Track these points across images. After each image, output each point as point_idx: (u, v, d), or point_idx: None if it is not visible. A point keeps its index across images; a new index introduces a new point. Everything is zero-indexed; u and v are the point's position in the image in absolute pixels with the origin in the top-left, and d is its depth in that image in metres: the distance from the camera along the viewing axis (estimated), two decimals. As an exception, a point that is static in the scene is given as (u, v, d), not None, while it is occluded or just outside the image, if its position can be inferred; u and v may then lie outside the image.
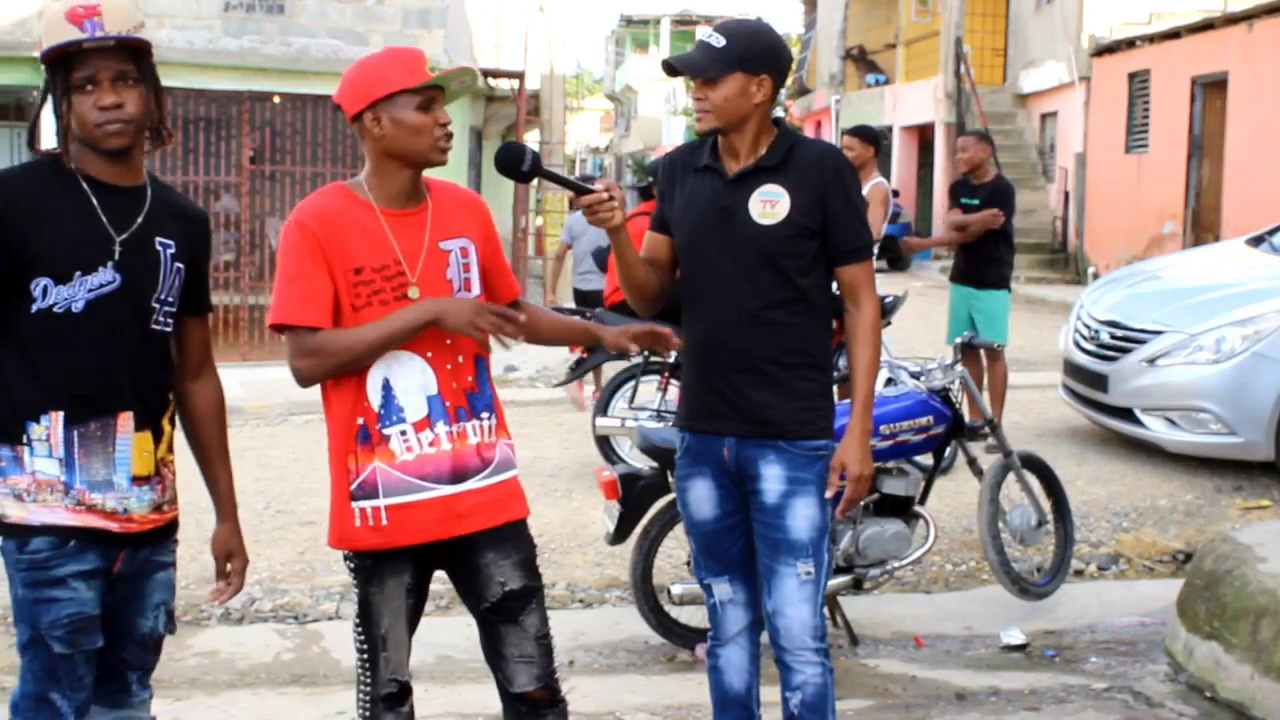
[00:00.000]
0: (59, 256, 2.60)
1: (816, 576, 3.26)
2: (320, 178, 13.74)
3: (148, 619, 2.82)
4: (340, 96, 2.96)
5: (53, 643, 2.62)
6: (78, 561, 2.64)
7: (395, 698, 2.99)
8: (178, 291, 2.78)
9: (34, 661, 2.65)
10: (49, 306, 2.61)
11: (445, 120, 2.92)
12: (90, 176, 2.66)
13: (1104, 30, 19.09)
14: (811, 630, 3.27)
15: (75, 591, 2.64)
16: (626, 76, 54.89)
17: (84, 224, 2.63)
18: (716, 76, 3.17)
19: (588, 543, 6.22)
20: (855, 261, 3.28)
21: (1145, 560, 6.29)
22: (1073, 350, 8.20)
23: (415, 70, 2.89)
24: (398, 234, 2.92)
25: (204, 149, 13.96)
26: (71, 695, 2.66)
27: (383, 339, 2.85)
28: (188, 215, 2.85)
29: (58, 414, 2.63)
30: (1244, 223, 13.13)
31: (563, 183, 3.26)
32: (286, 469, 7.34)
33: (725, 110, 3.19)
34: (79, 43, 2.57)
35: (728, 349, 3.24)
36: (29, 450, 2.63)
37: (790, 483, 3.23)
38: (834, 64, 29.77)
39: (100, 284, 2.64)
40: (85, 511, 2.65)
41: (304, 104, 14.12)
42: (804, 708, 3.28)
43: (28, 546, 2.62)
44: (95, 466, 2.66)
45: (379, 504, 2.89)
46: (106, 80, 2.60)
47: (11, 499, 2.63)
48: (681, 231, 3.33)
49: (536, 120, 19.53)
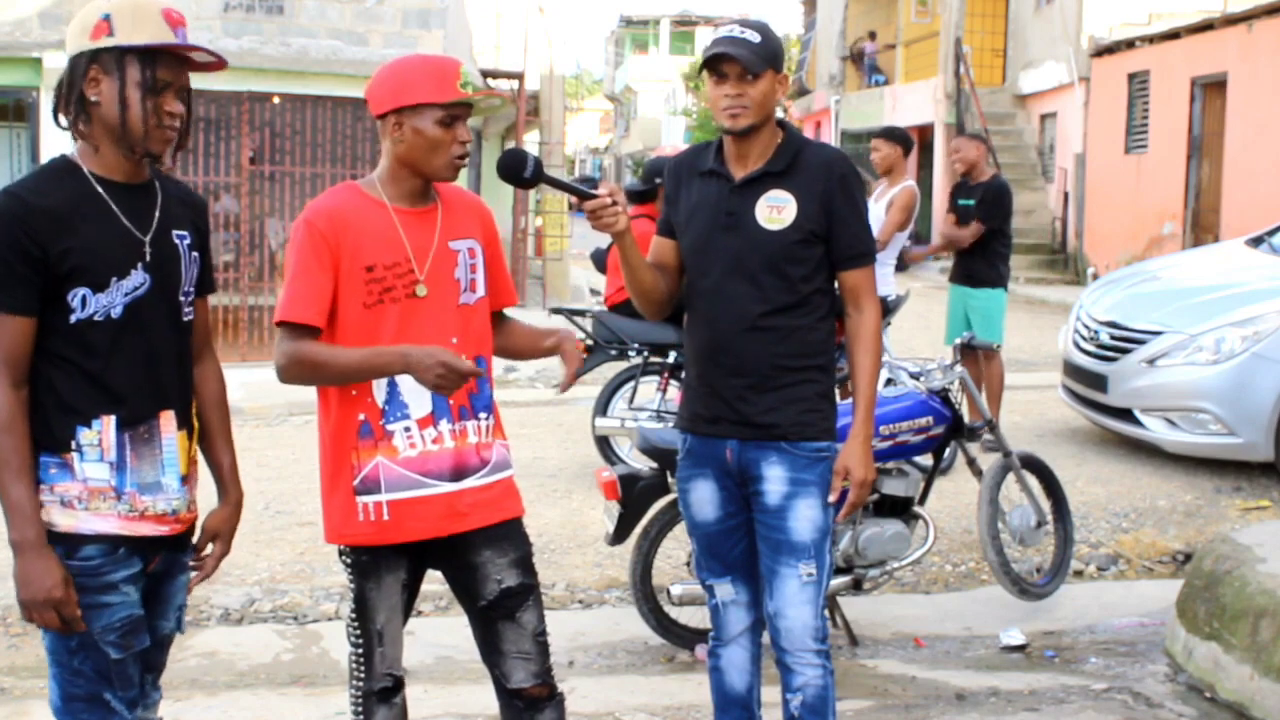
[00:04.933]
0: (96, 265, 2.58)
1: (818, 578, 3.26)
2: (320, 178, 13.73)
3: (169, 620, 2.83)
4: (370, 93, 2.96)
5: (107, 648, 2.62)
6: (128, 566, 2.64)
7: (389, 691, 3.03)
8: (195, 280, 2.78)
9: (84, 665, 2.64)
10: (89, 316, 2.58)
11: (465, 139, 2.93)
12: (101, 177, 2.63)
13: (1103, 31, 19.11)
14: (813, 631, 3.27)
15: (126, 595, 2.64)
16: (626, 77, 54.92)
17: (112, 229, 2.61)
18: (760, 72, 3.17)
19: (587, 543, 6.22)
20: (858, 267, 3.29)
21: (1145, 561, 6.30)
22: (1072, 351, 8.21)
23: (446, 85, 2.88)
24: (409, 231, 2.93)
25: (204, 149, 13.94)
26: (124, 694, 2.67)
27: (355, 370, 2.86)
28: (190, 201, 2.84)
29: (109, 418, 2.61)
30: (1243, 223, 13.14)
31: (565, 188, 3.26)
32: (286, 469, 7.34)
33: (764, 106, 3.20)
34: (188, 48, 2.60)
35: (732, 353, 3.25)
36: (78, 456, 2.60)
37: (792, 484, 3.24)
38: (834, 64, 29.79)
39: (134, 287, 2.62)
40: (138, 519, 2.64)
41: (304, 104, 14.12)
42: (804, 709, 3.29)
43: (79, 553, 2.60)
44: (145, 469, 2.65)
45: (381, 499, 2.91)
46: (176, 89, 2.63)
47: (59, 507, 2.60)
48: (688, 236, 3.33)
49: (536, 121, 19.51)
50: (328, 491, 2.99)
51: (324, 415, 2.99)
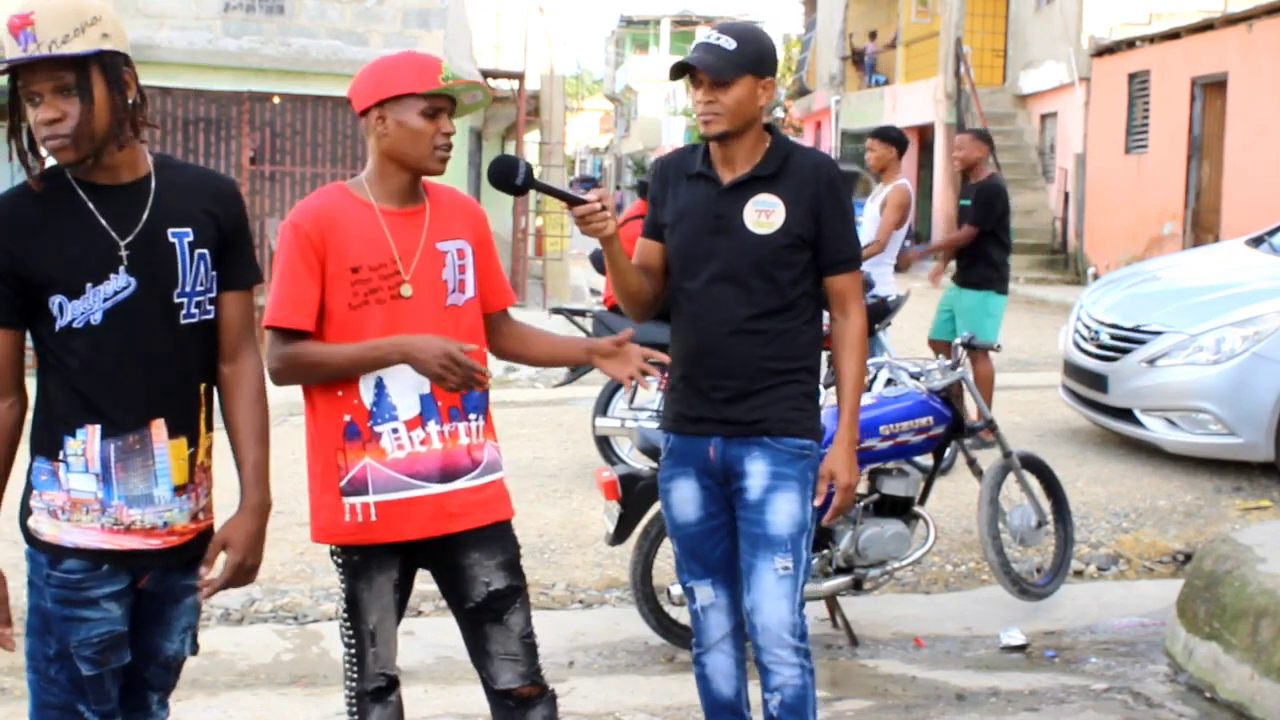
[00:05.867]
0: (66, 272, 2.51)
1: (794, 573, 3.25)
2: (320, 178, 13.74)
3: (173, 642, 2.75)
4: (353, 90, 2.97)
5: (81, 663, 2.56)
6: (111, 583, 2.58)
7: (383, 691, 3.02)
8: (209, 277, 2.66)
9: (60, 675, 2.59)
10: (69, 323, 2.52)
11: (449, 130, 2.93)
12: (85, 181, 2.55)
13: (1104, 31, 19.10)
14: (789, 628, 3.25)
15: (107, 611, 2.58)
16: (626, 77, 54.91)
17: (86, 234, 2.53)
18: (730, 79, 3.16)
19: (587, 543, 6.22)
20: (845, 272, 3.29)
21: (1145, 561, 6.29)
22: (1072, 351, 8.20)
23: (427, 76, 2.89)
24: (395, 232, 2.92)
25: (204, 149, 13.96)
26: (98, 708, 2.62)
27: (349, 366, 2.86)
28: (205, 190, 2.69)
29: (94, 427, 2.54)
30: (1243, 223, 13.13)
31: (556, 194, 3.26)
32: (286, 469, 7.29)
33: (736, 113, 3.18)
34: (10, 62, 2.43)
35: (718, 356, 3.25)
36: (64, 466, 2.55)
37: (774, 478, 3.24)
38: (834, 64, 29.79)
39: (115, 291, 2.54)
40: (122, 532, 2.57)
41: (304, 104, 14.13)
42: (783, 709, 3.26)
43: (60, 565, 2.54)
44: (134, 481, 2.57)
45: (369, 500, 2.90)
46: (47, 93, 2.46)
47: (46, 515, 2.56)
48: (674, 239, 3.32)
49: (536, 121, 19.52)
50: (315, 492, 2.99)
51: (310, 416, 2.99)
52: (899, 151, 8.10)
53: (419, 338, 2.82)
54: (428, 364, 2.79)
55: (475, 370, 2.81)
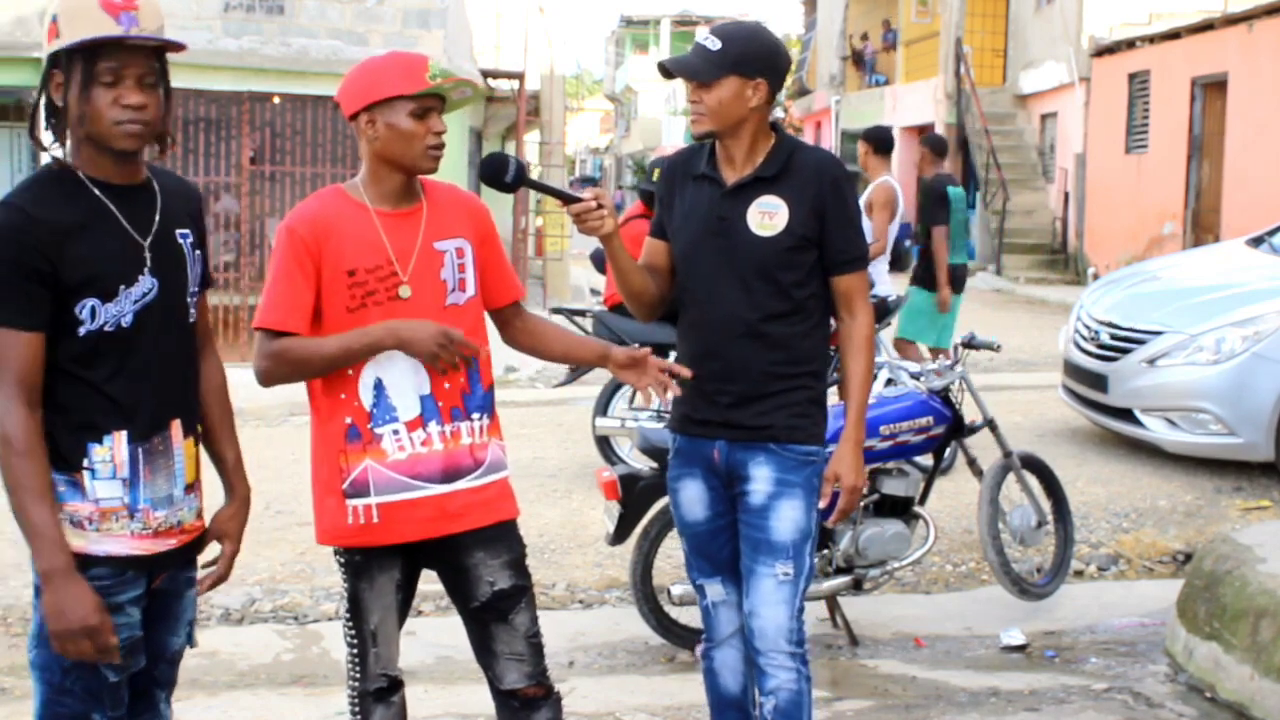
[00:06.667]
0: (106, 274, 2.49)
1: (795, 579, 3.25)
2: (320, 178, 13.73)
3: (179, 636, 2.75)
4: (340, 95, 2.97)
5: (106, 670, 2.54)
6: (135, 588, 2.57)
7: (385, 691, 3.02)
8: (200, 279, 2.70)
9: (75, 685, 2.56)
10: (99, 327, 2.48)
11: (439, 129, 2.92)
12: (99, 180, 2.53)
13: (1104, 31, 19.10)
14: (787, 633, 3.25)
15: (130, 616, 2.57)
16: (626, 77, 54.91)
17: (115, 235, 2.50)
18: (711, 79, 3.15)
19: (587, 543, 6.22)
20: (850, 272, 3.28)
21: (1145, 561, 6.29)
22: (1072, 351, 8.20)
23: (414, 77, 2.88)
24: (391, 234, 2.92)
25: (204, 149, 13.95)
26: (113, 714, 2.60)
27: (340, 354, 2.85)
28: (184, 192, 2.74)
29: (121, 433, 2.52)
30: (1243, 223, 13.14)
31: (549, 192, 3.25)
32: (286, 469, 7.33)
33: (720, 114, 3.17)
34: (122, 38, 2.42)
35: (722, 359, 3.24)
36: (90, 475, 2.50)
37: (778, 484, 3.23)
38: (834, 64, 29.78)
39: (142, 293, 2.53)
40: (150, 536, 2.56)
41: (304, 104, 14.12)
42: (777, 714, 3.25)
43: (87, 574, 2.50)
44: (159, 482, 2.57)
45: (370, 502, 2.90)
46: (133, 78, 2.47)
47: (69, 526, 2.50)
48: (679, 240, 3.32)
49: (536, 120, 19.52)
50: (319, 494, 2.99)
51: (314, 418, 2.99)
52: (875, 149, 8.28)
53: (411, 321, 2.83)
54: (423, 343, 2.80)
55: (467, 347, 2.82)
